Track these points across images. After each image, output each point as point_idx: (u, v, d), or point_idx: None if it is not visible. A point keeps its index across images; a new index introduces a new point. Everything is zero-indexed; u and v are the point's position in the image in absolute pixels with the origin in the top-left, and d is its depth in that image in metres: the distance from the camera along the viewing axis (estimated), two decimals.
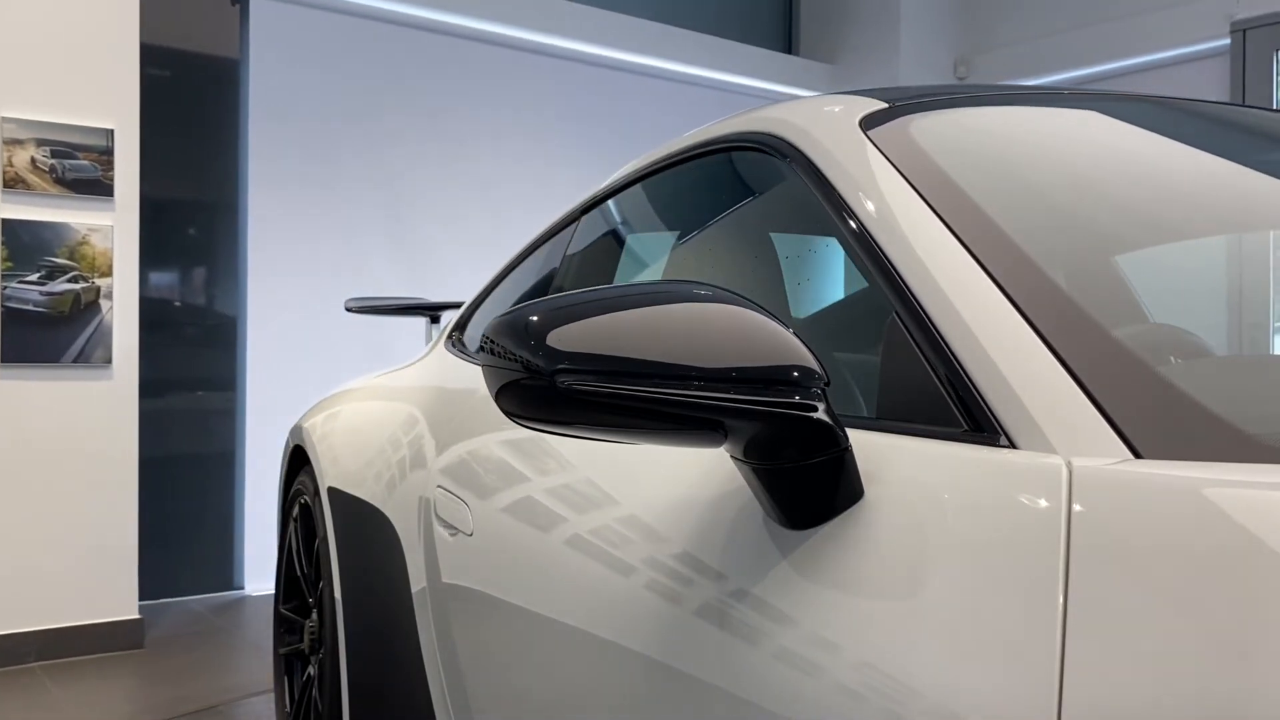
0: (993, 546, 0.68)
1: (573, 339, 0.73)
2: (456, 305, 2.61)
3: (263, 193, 4.51)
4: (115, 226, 3.59)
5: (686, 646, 0.91)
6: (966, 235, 0.91)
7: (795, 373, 0.76)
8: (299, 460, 2.37)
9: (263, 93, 4.51)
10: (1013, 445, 0.74)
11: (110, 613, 3.62)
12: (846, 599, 0.76)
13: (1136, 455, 0.69)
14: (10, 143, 3.43)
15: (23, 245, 3.46)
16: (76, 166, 3.53)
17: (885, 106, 1.15)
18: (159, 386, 4.27)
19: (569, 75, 5.39)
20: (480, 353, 0.77)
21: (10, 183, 3.44)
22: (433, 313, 3.07)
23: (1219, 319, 1.35)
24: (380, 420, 2.08)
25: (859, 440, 0.83)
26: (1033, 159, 1.18)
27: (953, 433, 0.80)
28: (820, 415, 0.77)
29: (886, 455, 0.82)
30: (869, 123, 1.11)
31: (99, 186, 3.57)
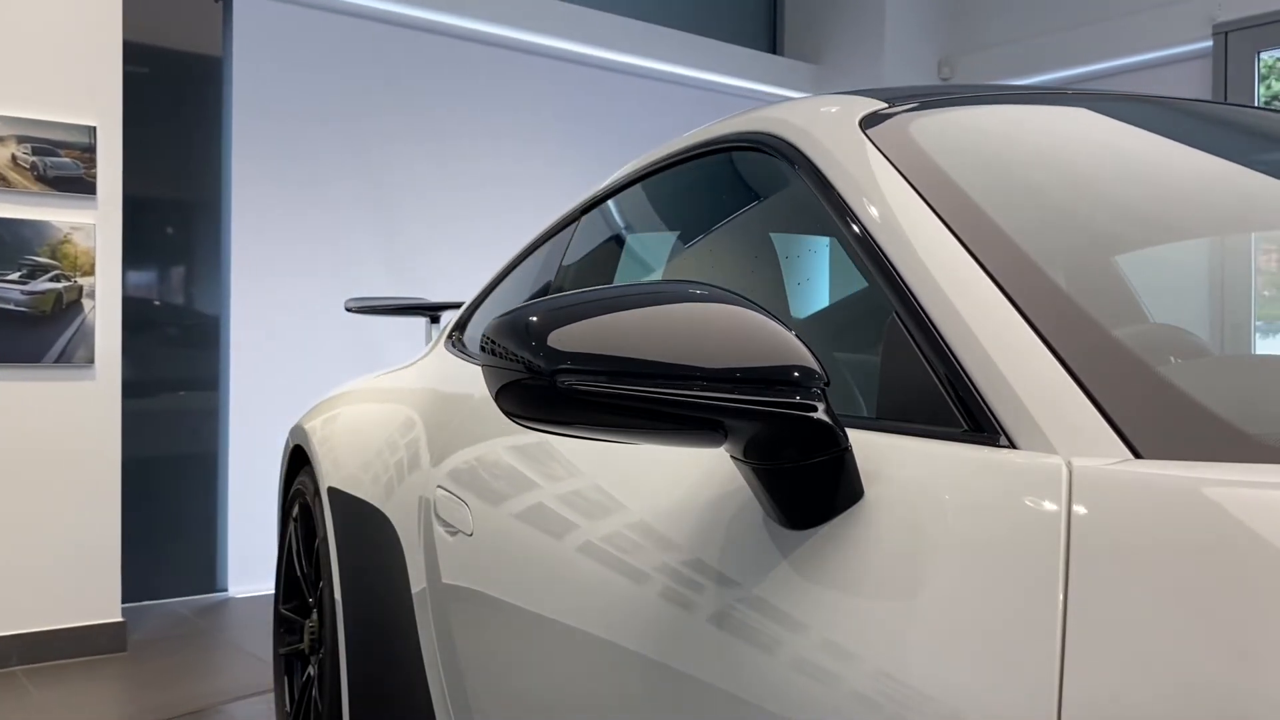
0: (993, 546, 0.68)
1: (573, 339, 0.73)
2: (456, 305, 2.61)
3: (247, 192, 4.47)
4: (98, 225, 3.54)
5: (686, 646, 0.91)
6: (966, 235, 0.91)
7: (795, 373, 0.76)
8: (299, 460, 2.37)
9: (246, 91, 4.47)
10: (1013, 445, 0.74)
11: (93, 615, 3.57)
12: (846, 599, 0.76)
13: (1136, 455, 0.69)
14: None
15: (3, 244, 3.41)
16: (58, 164, 3.48)
17: (885, 106, 1.15)
18: (141, 387, 4.22)
19: (555, 74, 5.37)
20: (480, 353, 0.77)
21: None
22: (433, 313, 3.06)
23: (1219, 319, 1.35)
24: (380, 420, 2.08)
25: (859, 440, 0.83)
26: (1032, 159, 1.18)
27: (953, 433, 0.80)
28: (820, 415, 0.77)
29: (886, 455, 0.82)
30: (869, 122, 1.11)
31: (81, 184, 3.51)
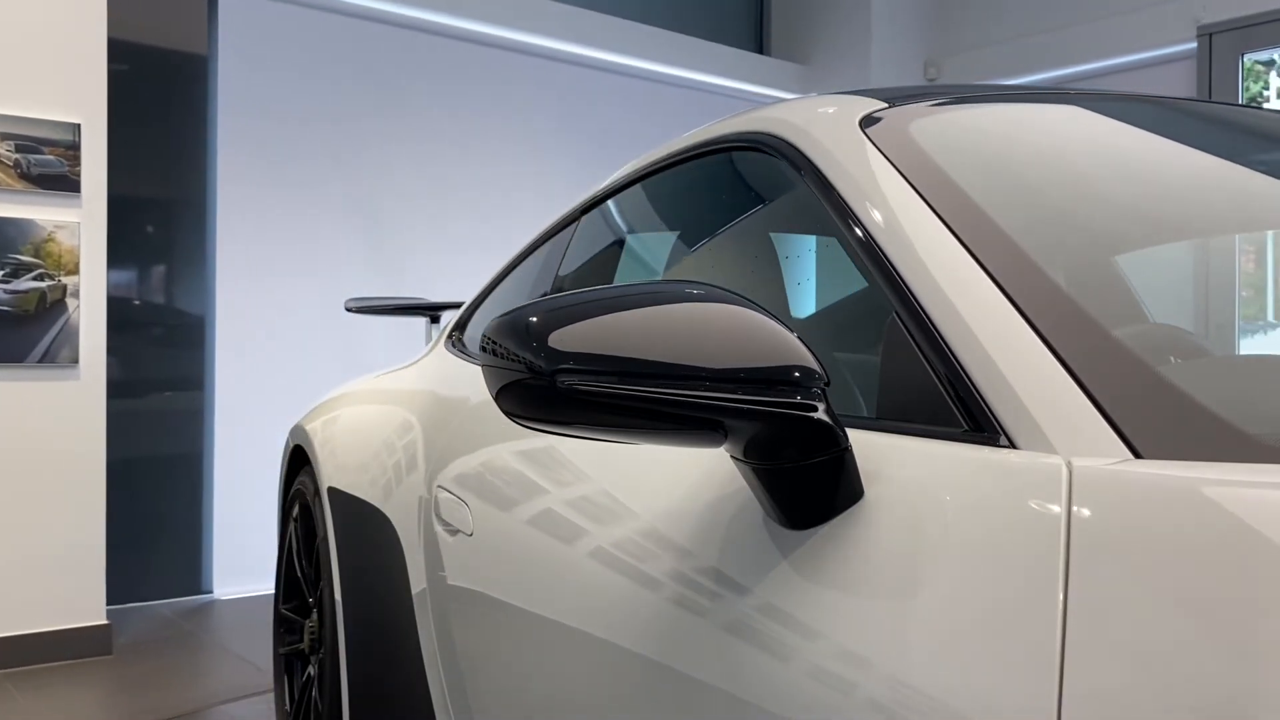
0: (993, 546, 0.68)
1: (573, 339, 0.73)
2: (456, 305, 2.61)
3: (232, 191, 4.43)
4: (82, 223, 3.50)
5: (686, 647, 0.91)
6: (966, 235, 0.91)
7: (796, 373, 0.76)
8: (299, 460, 2.38)
9: (232, 89, 4.43)
10: (1013, 445, 0.74)
11: (77, 618, 3.53)
12: (846, 599, 0.77)
13: (1136, 455, 0.69)
14: None
15: None
16: (42, 161, 3.44)
17: (885, 106, 1.15)
18: (125, 387, 4.19)
19: (541, 73, 5.35)
20: (480, 353, 0.78)
21: None
22: (433, 313, 3.06)
23: (1219, 319, 1.35)
24: (380, 420, 2.08)
25: (859, 440, 0.83)
26: (1033, 158, 1.18)
27: (953, 433, 0.80)
28: (820, 415, 0.77)
29: (886, 455, 0.82)
30: (869, 122, 1.11)
31: (65, 182, 3.47)
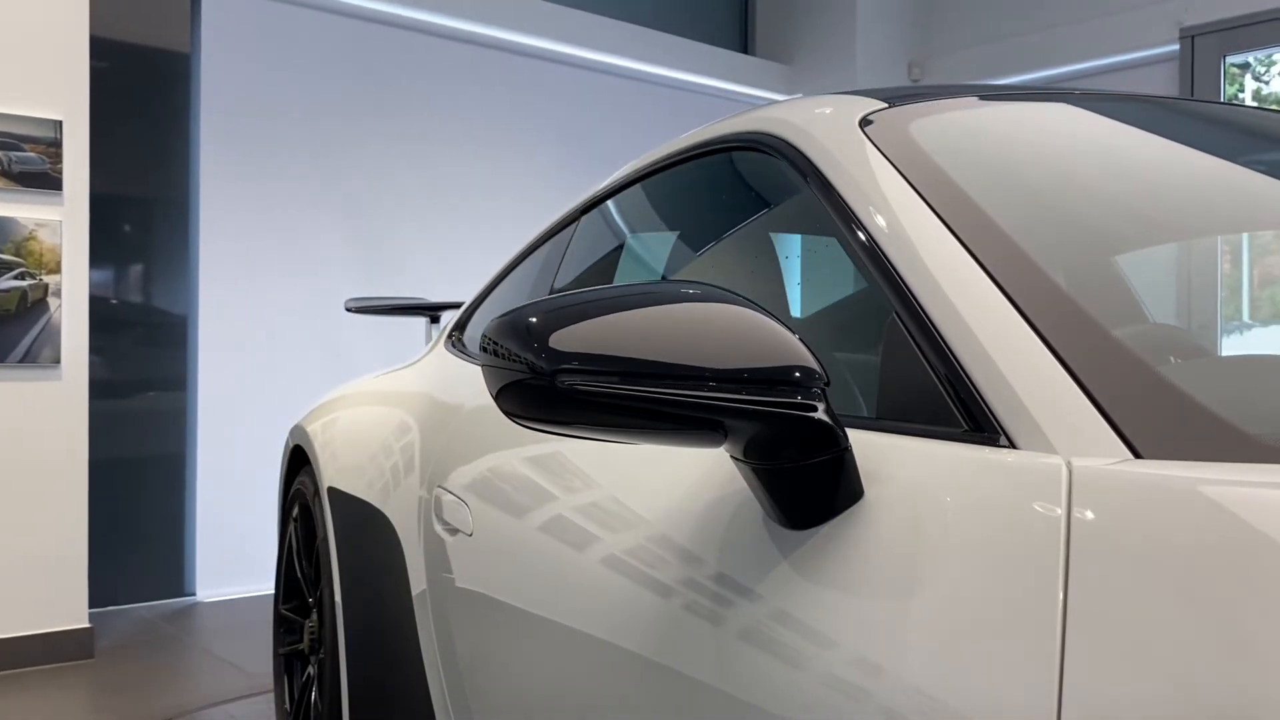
0: (993, 546, 0.68)
1: (573, 339, 0.73)
2: (456, 305, 2.61)
3: (215, 189, 4.41)
4: (64, 222, 3.47)
5: (686, 647, 0.91)
6: (966, 235, 0.91)
7: (796, 373, 0.76)
8: (299, 460, 2.38)
9: (215, 87, 4.41)
10: (1013, 445, 0.74)
11: (59, 621, 3.48)
12: (846, 599, 0.77)
13: (1136, 455, 0.69)
14: None
15: None
16: (23, 159, 3.39)
17: (884, 106, 1.15)
18: (108, 387, 4.17)
19: (526, 71, 5.33)
20: (480, 353, 0.78)
21: None
22: (433, 313, 3.06)
23: (1219, 318, 1.35)
24: (380, 420, 2.08)
25: (859, 440, 0.83)
26: (1032, 158, 1.18)
27: (953, 433, 0.80)
28: (820, 415, 0.77)
29: (886, 455, 0.82)
30: (868, 122, 1.11)
31: (47, 180, 3.44)
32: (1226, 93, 5.02)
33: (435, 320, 3.08)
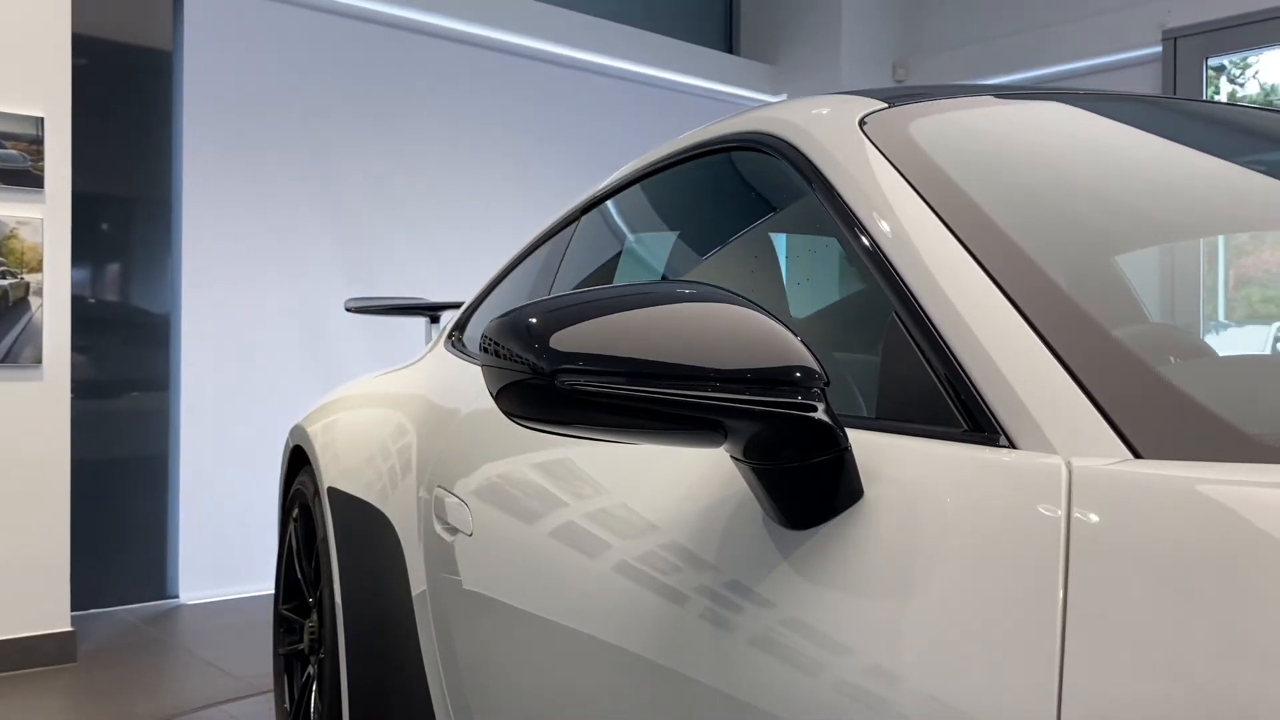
0: (992, 546, 0.69)
1: (573, 339, 0.73)
2: (456, 305, 2.61)
3: (198, 188, 4.35)
4: (45, 220, 3.41)
5: (685, 647, 0.91)
6: (966, 235, 0.91)
7: (796, 373, 0.76)
8: (299, 460, 2.38)
9: (197, 84, 4.34)
10: (1013, 445, 0.74)
11: (41, 625, 3.41)
12: (846, 599, 0.77)
13: (1136, 455, 0.69)
14: None
15: None
16: (4, 156, 3.35)
17: (884, 106, 1.15)
18: (89, 387, 4.11)
19: (511, 70, 5.30)
20: (480, 353, 0.78)
21: None
22: (433, 313, 3.06)
23: (1217, 318, 1.35)
24: (380, 421, 2.08)
25: (859, 440, 0.83)
26: (1032, 158, 1.18)
27: (953, 433, 0.80)
28: (820, 415, 0.77)
29: (886, 455, 0.82)
30: (868, 122, 1.11)
31: (28, 178, 3.38)
32: (1206, 95, 5.05)
33: (435, 320, 3.08)
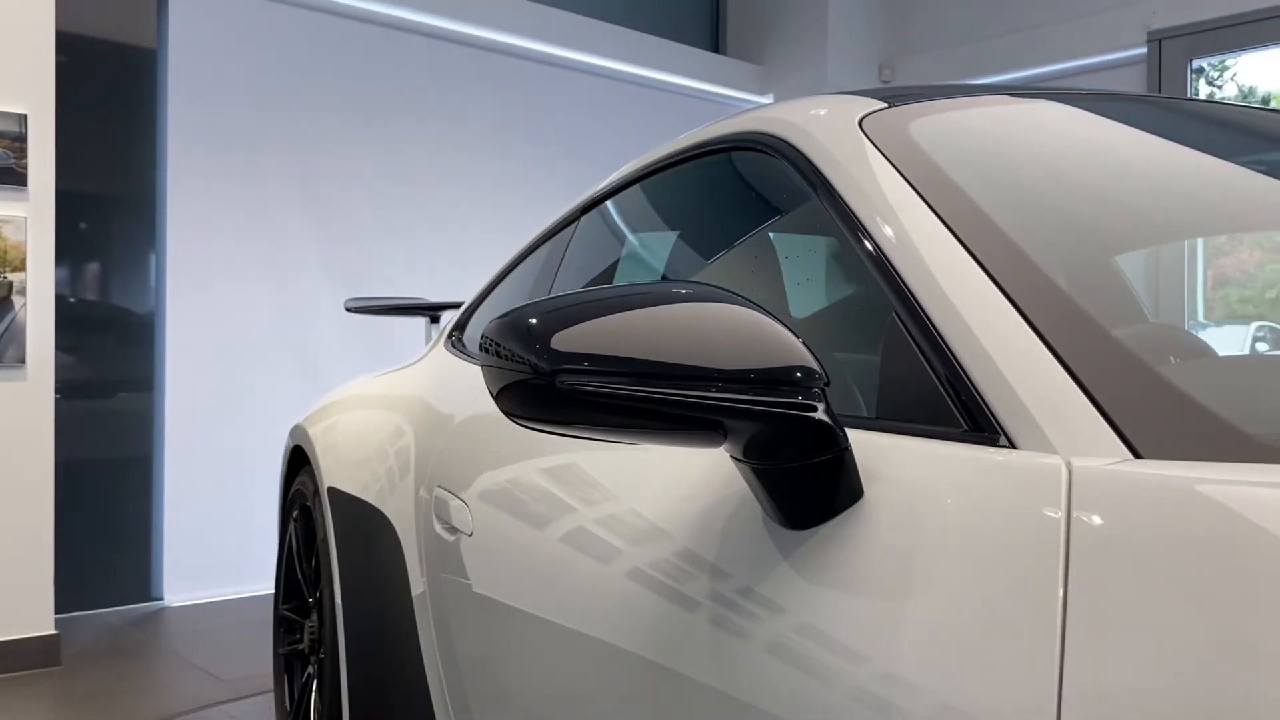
0: (992, 546, 0.69)
1: (573, 339, 0.73)
2: (456, 305, 2.61)
3: (183, 187, 4.30)
4: (29, 218, 3.37)
5: (686, 647, 0.91)
6: (966, 235, 0.91)
7: (797, 373, 0.76)
8: (299, 460, 2.38)
9: (182, 83, 4.30)
10: (1013, 445, 0.74)
11: (24, 628, 3.36)
12: (846, 599, 0.77)
13: (1136, 455, 0.69)
14: None
15: None
16: None
17: (884, 106, 1.15)
18: (72, 387, 4.07)
19: (499, 69, 5.28)
20: (480, 353, 0.78)
21: None
22: (433, 313, 3.06)
23: (1216, 318, 1.35)
24: (380, 421, 2.08)
25: (859, 440, 0.83)
26: (1032, 158, 1.18)
27: (953, 433, 0.80)
28: (820, 415, 0.77)
29: (886, 455, 0.82)
30: (868, 122, 1.11)
31: (11, 175, 3.34)
32: (1190, 96, 5.06)
33: (435, 320, 3.07)
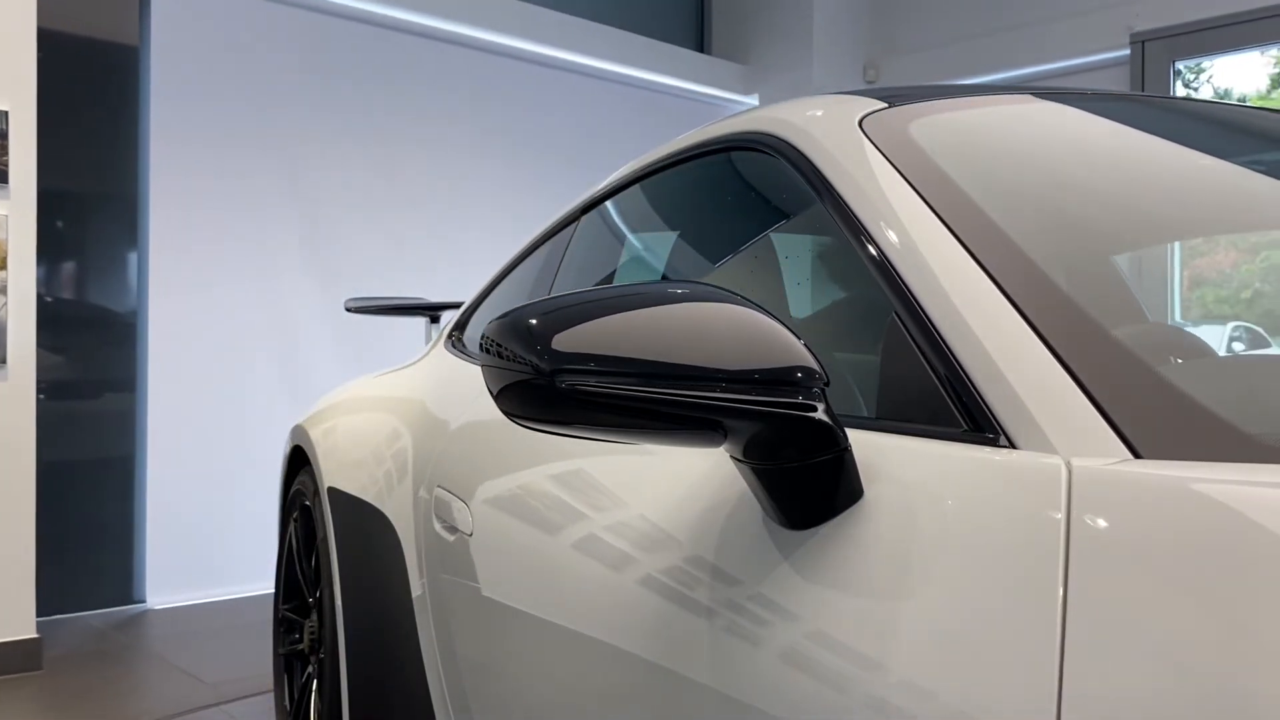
0: (992, 546, 0.69)
1: (574, 339, 0.73)
2: (456, 305, 2.61)
3: (166, 185, 4.25)
4: (10, 216, 3.34)
5: (685, 647, 0.91)
6: (966, 235, 0.91)
7: (797, 373, 0.76)
8: (299, 460, 2.38)
9: (164, 80, 4.25)
10: (1013, 445, 0.74)
11: (5, 632, 3.32)
12: (846, 598, 0.77)
13: (1136, 455, 0.69)
14: None
15: None
16: None
17: (884, 106, 1.16)
18: (54, 387, 4.03)
19: (483, 67, 5.26)
20: (480, 353, 0.78)
21: None
22: (433, 313, 3.06)
23: (1216, 317, 1.35)
24: (380, 421, 2.08)
25: (859, 440, 0.83)
26: (1032, 158, 1.18)
27: (953, 433, 0.80)
28: (820, 415, 0.77)
29: (886, 455, 0.82)
30: (868, 122, 1.11)
31: None
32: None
33: (435, 320, 3.08)
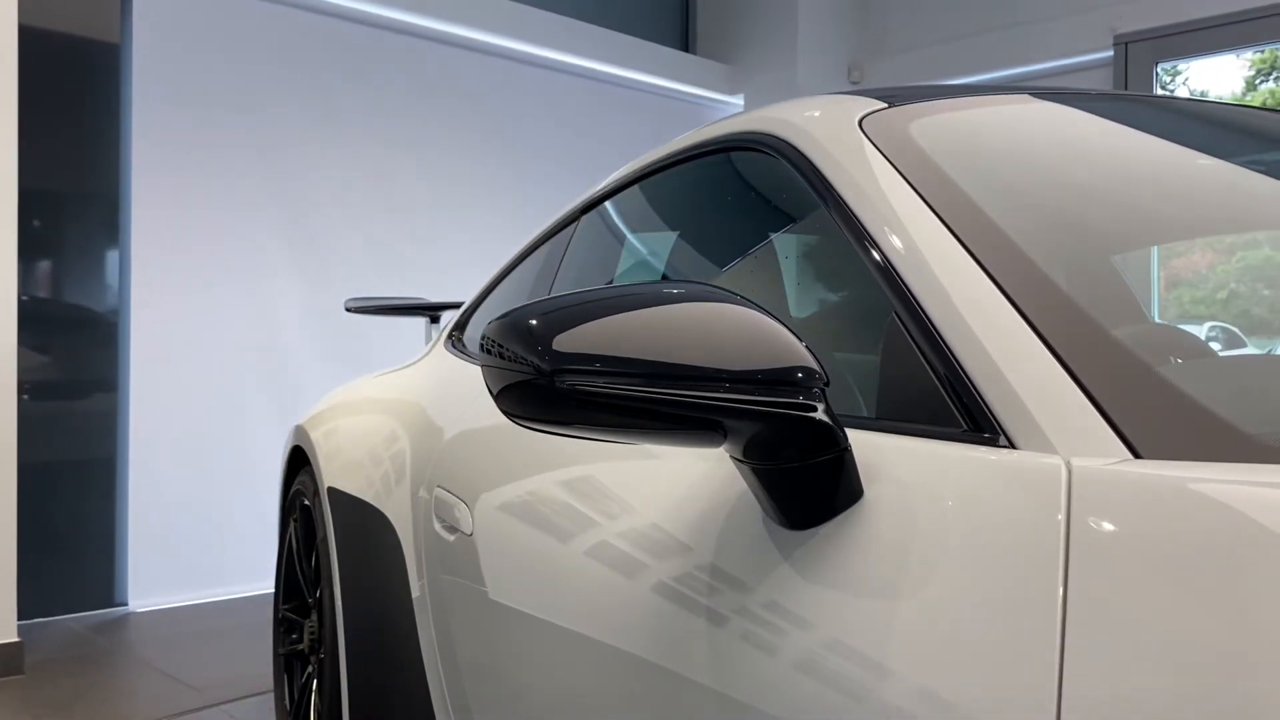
0: (992, 546, 0.69)
1: (574, 339, 0.73)
2: (456, 305, 2.61)
3: (148, 185, 4.19)
4: None
5: (685, 647, 0.91)
6: (966, 235, 0.91)
7: (797, 374, 0.76)
8: (299, 460, 2.38)
9: (147, 79, 4.18)
10: (1012, 445, 0.74)
11: None
12: (846, 599, 0.77)
13: (1136, 455, 0.69)
14: None
15: None
16: None
17: (884, 106, 1.16)
18: (34, 388, 3.99)
19: (466, 66, 5.23)
20: (481, 353, 0.78)
21: None
22: (433, 313, 3.06)
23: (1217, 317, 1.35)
24: (380, 421, 2.08)
25: (859, 440, 0.83)
26: (1032, 158, 1.18)
27: (953, 433, 0.80)
28: (820, 415, 0.77)
29: (886, 455, 0.82)
30: (868, 122, 1.11)
31: None
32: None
33: (435, 320, 3.08)
